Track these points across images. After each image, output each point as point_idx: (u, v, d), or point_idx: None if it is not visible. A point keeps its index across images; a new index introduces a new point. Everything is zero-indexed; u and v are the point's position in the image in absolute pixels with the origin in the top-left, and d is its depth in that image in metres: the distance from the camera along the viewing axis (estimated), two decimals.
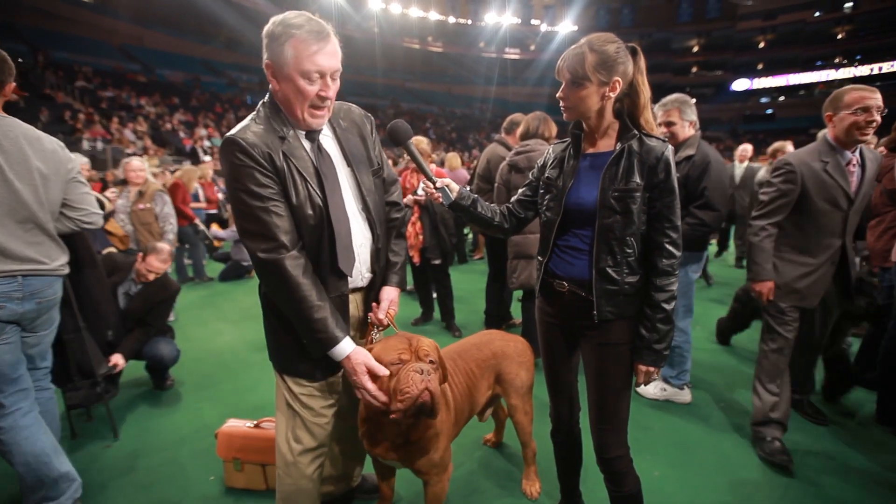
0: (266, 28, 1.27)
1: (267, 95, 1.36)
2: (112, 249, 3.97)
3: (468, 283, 5.53)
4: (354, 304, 1.49)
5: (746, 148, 6.04)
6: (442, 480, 1.55)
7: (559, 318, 1.52)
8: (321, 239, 1.33)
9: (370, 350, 1.37)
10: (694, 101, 2.67)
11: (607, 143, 1.40)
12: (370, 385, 1.30)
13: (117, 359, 2.58)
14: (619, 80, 1.31)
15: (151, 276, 2.87)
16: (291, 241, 1.28)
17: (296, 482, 1.49)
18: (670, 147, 1.35)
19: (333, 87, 1.30)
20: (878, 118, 1.99)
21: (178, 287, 3.03)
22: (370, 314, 1.52)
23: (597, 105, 1.34)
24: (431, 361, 1.35)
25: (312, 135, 1.36)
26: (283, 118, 1.33)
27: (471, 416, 1.80)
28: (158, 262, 2.90)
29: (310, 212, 1.30)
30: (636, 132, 1.35)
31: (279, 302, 1.32)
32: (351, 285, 1.44)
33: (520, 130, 3.06)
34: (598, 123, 1.38)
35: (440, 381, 1.38)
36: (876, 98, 1.99)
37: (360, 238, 1.43)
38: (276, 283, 1.28)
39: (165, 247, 2.93)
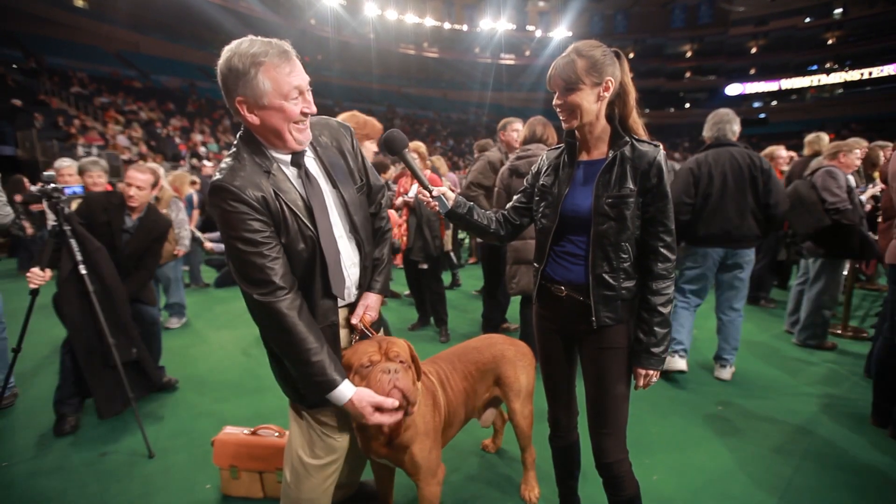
0: (222, 68, 1.19)
1: (242, 131, 1.31)
2: None
3: (464, 288, 5.53)
4: (341, 317, 1.48)
5: None
6: (431, 484, 1.55)
7: (557, 324, 1.52)
8: (313, 268, 1.32)
9: (342, 357, 1.37)
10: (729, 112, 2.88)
11: (600, 151, 1.42)
12: (384, 419, 1.28)
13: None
14: (611, 79, 1.34)
15: (132, 192, 2.72)
16: (288, 283, 1.25)
17: (309, 496, 1.46)
18: (662, 152, 1.37)
19: (312, 101, 1.28)
20: None
21: (170, 222, 2.99)
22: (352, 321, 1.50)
23: (593, 106, 1.35)
24: (401, 361, 1.36)
25: (297, 160, 1.32)
26: (263, 152, 1.28)
27: (468, 419, 1.80)
28: (138, 174, 2.75)
29: (301, 245, 1.28)
30: (628, 138, 1.37)
31: (275, 344, 1.30)
32: (341, 304, 1.44)
33: (523, 134, 3.08)
34: (591, 129, 1.40)
35: (413, 379, 1.40)
36: None
37: (350, 259, 1.41)
38: (273, 326, 1.25)
39: (142, 163, 2.85)
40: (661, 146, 1.40)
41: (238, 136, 1.32)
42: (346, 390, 1.26)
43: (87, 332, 2.42)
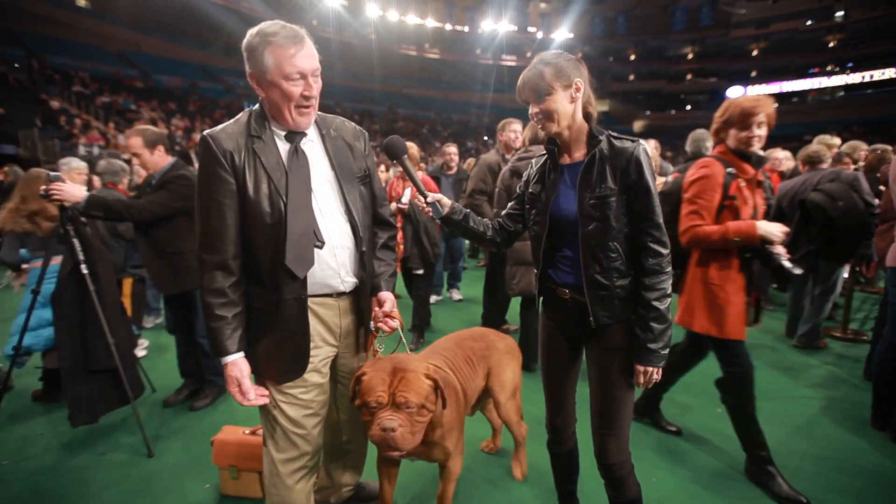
0: (244, 42, 1.31)
1: (257, 104, 1.41)
2: None
3: (465, 289, 5.52)
4: (336, 310, 1.48)
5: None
6: (458, 462, 1.68)
7: (563, 326, 1.53)
8: (279, 237, 1.33)
9: (363, 374, 1.39)
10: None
11: (581, 153, 1.42)
12: (239, 397, 1.39)
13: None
14: (579, 80, 1.36)
15: (135, 161, 2.69)
16: (226, 246, 1.33)
17: (281, 493, 1.48)
18: (641, 147, 1.35)
19: (316, 87, 1.35)
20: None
21: (193, 180, 2.60)
22: (372, 322, 1.53)
23: (569, 108, 1.37)
24: (409, 408, 1.33)
25: (290, 136, 1.38)
26: (264, 121, 1.38)
27: (475, 402, 1.85)
28: (126, 140, 2.77)
29: (267, 209, 1.32)
30: (603, 136, 1.37)
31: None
32: (328, 290, 1.43)
33: (526, 135, 3.07)
34: (570, 132, 1.41)
35: (431, 409, 1.40)
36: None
37: (339, 239, 1.42)
38: (199, 279, 1.35)
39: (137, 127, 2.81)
40: (642, 141, 1.39)
41: (253, 106, 1.42)
42: (228, 359, 1.35)
43: (74, 335, 2.38)
